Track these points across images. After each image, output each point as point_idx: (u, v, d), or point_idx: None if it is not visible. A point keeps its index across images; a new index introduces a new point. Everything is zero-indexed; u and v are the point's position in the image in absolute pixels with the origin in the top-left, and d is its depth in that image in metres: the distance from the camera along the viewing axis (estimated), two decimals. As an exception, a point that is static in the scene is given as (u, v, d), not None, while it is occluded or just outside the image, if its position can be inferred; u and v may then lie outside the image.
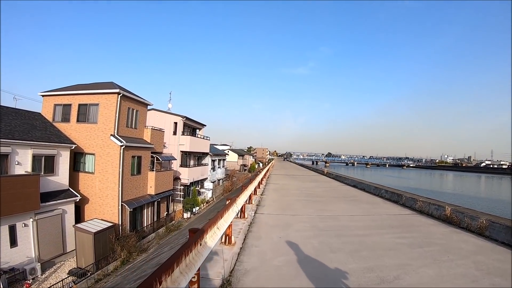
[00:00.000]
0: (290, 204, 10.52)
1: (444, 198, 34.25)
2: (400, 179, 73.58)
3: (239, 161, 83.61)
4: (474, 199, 36.58)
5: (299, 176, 26.39)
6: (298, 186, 17.22)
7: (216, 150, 40.01)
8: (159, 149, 21.91)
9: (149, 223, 21.20)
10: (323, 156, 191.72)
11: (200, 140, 30.75)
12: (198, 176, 29.71)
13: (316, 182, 19.49)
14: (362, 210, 9.45)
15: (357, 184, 16.78)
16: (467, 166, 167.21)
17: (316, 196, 12.82)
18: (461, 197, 37.89)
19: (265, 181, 18.91)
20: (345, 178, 19.97)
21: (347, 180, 19.00)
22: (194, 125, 31.29)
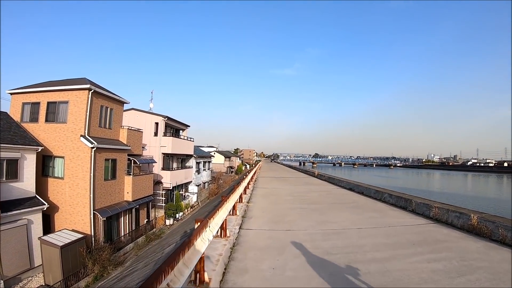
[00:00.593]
0: (283, 214, 8.97)
1: (435, 197, 33.81)
2: (389, 179, 73.75)
3: (226, 163, 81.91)
4: (465, 198, 36.25)
5: (289, 178, 24.63)
6: (290, 190, 15.64)
7: (201, 152, 38.32)
8: (137, 151, 20.13)
9: (127, 232, 19.39)
10: (310, 157, 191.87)
11: (184, 142, 29.02)
12: (182, 179, 27.98)
13: (309, 185, 18.03)
14: (369, 220, 8.01)
15: (354, 187, 15.41)
16: (453, 165, 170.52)
17: (312, 203, 11.33)
18: (453, 196, 37.52)
19: (252, 185, 17.49)
20: (339, 181, 18.62)
21: (342, 183, 17.68)
22: (177, 125, 29.54)
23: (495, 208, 27.96)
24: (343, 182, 17.48)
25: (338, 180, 18.83)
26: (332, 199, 12.58)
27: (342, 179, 18.83)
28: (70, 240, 14.63)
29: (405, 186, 52.33)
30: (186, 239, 3.00)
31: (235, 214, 8.63)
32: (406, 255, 5.01)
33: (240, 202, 10.88)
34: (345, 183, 17.18)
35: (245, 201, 11.52)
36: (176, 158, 28.73)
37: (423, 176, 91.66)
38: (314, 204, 11.05)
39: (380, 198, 12.00)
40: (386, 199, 11.53)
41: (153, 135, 25.89)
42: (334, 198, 12.77)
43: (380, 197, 12.09)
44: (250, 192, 14.45)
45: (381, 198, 11.95)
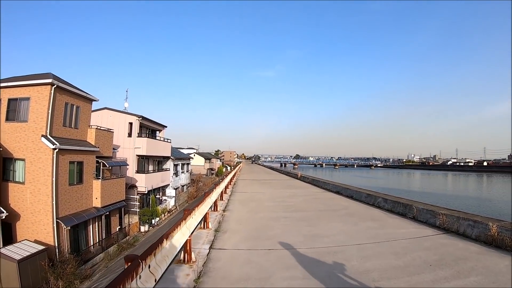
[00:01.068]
0: (265, 226, 7.49)
1: (418, 197, 33.94)
2: (371, 179, 74.73)
3: (206, 165, 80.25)
4: (451, 198, 36.69)
5: (270, 181, 23.13)
6: (272, 194, 14.06)
7: (180, 153, 36.82)
8: (107, 152, 18.59)
9: (97, 242, 17.82)
10: (291, 158, 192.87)
11: (160, 143, 27.54)
12: (158, 182, 26.49)
13: (292, 189, 16.67)
14: (368, 232, 6.74)
15: (342, 190, 14.02)
16: (434, 164, 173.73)
17: (298, 210, 9.97)
18: (439, 196, 37.87)
19: (231, 189, 16.30)
20: (324, 183, 17.31)
21: (328, 185, 16.32)
22: (153, 126, 28.02)
23: (491, 209, 28.32)
24: (329, 185, 16.32)
25: (323, 183, 17.65)
26: (320, 205, 11.23)
27: (327, 181, 17.70)
28: (30, 253, 13.06)
29: (388, 186, 53.01)
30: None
31: (207, 228, 7.22)
32: (427, 283, 3.84)
33: (214, 210, 9.68)
34: (331, 185, 15.95)
35: (220, 209, 10.11)
36: (152, 160, 27.21)
37: (404, 176, 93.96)
38: (300, 211, 9.73)
39: (373, 203, 10.79)
40: (380, 204, 10.33)
41: (127, 136, 24.32)
42: (322, 204, 11.42)
43: (373, 201, 10.90)
44: (227, 198, 13.08)
45: (374, 203, 10.74)
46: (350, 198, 12.70)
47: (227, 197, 13.17)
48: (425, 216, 7.73)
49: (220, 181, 12.85)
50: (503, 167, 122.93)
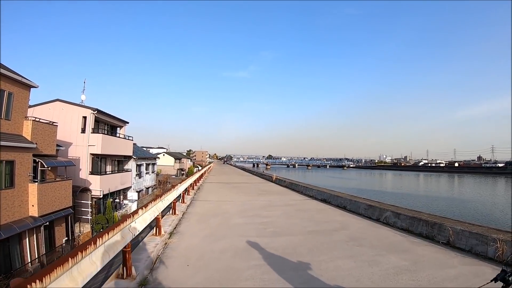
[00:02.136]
0: (228, 269, 4.38)
1: (394, 198, 33.76)
2: (347, 180, 74.95)
3: (176, 165, 76.61)
4: (438, 200, 36.30)
5: (242, 185, 19.70)
6: (243, 204, 10.79)
7: (145, 153, 33.67)
8: (48, 150, 15.51)
9: (35, 258, 14.72)
10: (263, 159, 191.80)
11: (119, 140, 24.49)
12: (117, 185, 23.44)
13: (268, 195, 13.57)
14: (401, 280, 4.03)
15: (330, 198, 11.39)
16: (405, 165, 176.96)
17: (280, 232, 6.74)
18: (420, 198, 37.73)
19: (192, 196, 13.10)
20: (305, 188, 14.45)
21: (310, 191, 13.53)
22: (112, 121, 24.88)
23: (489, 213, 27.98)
24: (311, 190, 13.46)
25: (304, 187, 14.79)
26: (308, 221, 7.99)
27: (309, 186, 14.94)
28: None
29: (366, 187, 52.65)
30: None
31: (128, 276, 3.94)
32: None
33: (157, 234, 6.29)
34: (315, 191, 13.07)
35: (166, 232, 6.57)
36: (111, 160, 24.08)
37: (378, 177, 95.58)
38: (283, 235, 6.50)
39: (379, 218, 8.10)
40: (390, 220, 7.63)
41: (81, 132, 21.13)
42: (310, 220, 8.20)
43: (378, 216, 8.19)
44: (184, 209, 9.88)
45: (380, 217, 8.05)
46: (342, 209, 10.03)
47: (184, 209, 9.94)
48: (469, 241, 5.32)
49: (170, 188, 9.18)
50: (473, 168, 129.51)
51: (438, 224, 6.13)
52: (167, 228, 6.97)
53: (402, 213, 7.40)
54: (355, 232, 6.91)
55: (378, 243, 5.89)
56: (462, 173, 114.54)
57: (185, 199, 11.37)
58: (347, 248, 5.57)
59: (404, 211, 7.78)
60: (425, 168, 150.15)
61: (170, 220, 7.98)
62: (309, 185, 15.78)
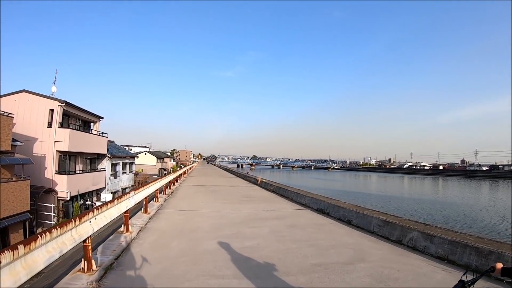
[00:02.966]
0: None
1: (409, 207, 32.92)
2: (331, 182, 74.35)
3: (158, 165, 74.11)
4: (434, 203, 35.68)
5: (223, 188, 17.61)
6: (220, 217, 8.67)
7: (121, 151, 31.55)
8: (2, 145, 13.48)
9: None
10: (248, 159, 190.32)
11: (91, 137, 22.48)
12: (88, 186, 21.43)
13: (253, 203, 11.56)
14: None
15: (328, 208, 9.48)
16: (390, 167, 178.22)
17: (272, 271, 4.43)
18: (414, 201, 37.12)
19: (162, 202, 11.02)
20: (296, 194, 12.51)
21: (302, 198, 11.71)
22: (84, 116, 22.82)
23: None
24: (304, 198, 11.52)
25: (295, 194, 12.67)
26: (308, 247, 5.76)
27: (300, 192, 12.70)
28: None
29: (348, 189, 52.19)
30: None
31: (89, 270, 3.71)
32: None
33: (86, 271, 3.97)
34: (308, 199, 11.17)
35: (102, 267, 4.29)
36: (82, 158, 22.03)
37: (364, 179, 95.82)
38: (274, 275, 4.32)
39: (401, 240, 6.15)
40: (418, 242, 5.73)
41: (47, 127, 19.07)
42: (311, 245, 5.94)
43: (400, 236, 6.21)
44: (145, 222, 7.73)
45: (403, 239, 6.12)
46: (347, 224, 8.01)
47: (144, 222, 7.78)
48: None
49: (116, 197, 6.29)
50: (458, 171, 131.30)
51: (495, 253, 4.32)
52: (104, 259, 4.60)
53: (436, 235, 5.42)
54: (379, 265, 4.79)
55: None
56: (447, 176, 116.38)
57: (148, 208, 9.12)
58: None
59: (438, 231, 5.77)
60: (410, 171, 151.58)
61: (117, 242, 5.47)
62: (301, 191, 13.80)
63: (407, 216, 11.22)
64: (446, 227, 6.99)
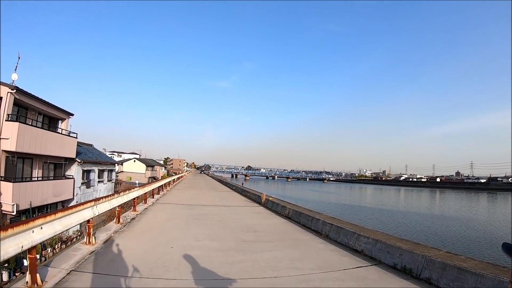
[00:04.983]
0: None
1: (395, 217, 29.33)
2: (330, 194, 70.56)
3: (148, 173, 69.52)
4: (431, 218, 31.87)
5: (213, 211, 12.03)
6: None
7: (99, 155, 27.15)
8: None
9: None
10: (243, 169, 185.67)
11: (54, 137, 18.18)
12: (47, 197, 17.03)
13: (263, 246, 6.54)
14: None
15: (379, 250, 5.89)
16: (386, 179, 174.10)
17: None
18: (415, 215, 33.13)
19: (101, 244, 5.71)
20: (336, 228, 7.54)
21: (349, 236, 6.95)
22: (48, 110, 18.57)
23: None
24: (358, 238, 6.65)
25: (331, 227, 7.74)
26: None
27: (342, 225, 7.60)
28: None
29: (349, 203, 48.35)
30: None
31: None
32: None
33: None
34: (366, 240, 6.40)
35: None
36: (42, 162, 17.72)
37: (359, 191, 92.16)
38: None
39: None
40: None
41: (-4, 121, 14.85)
42: None
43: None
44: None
45: None
46: None
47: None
48: None
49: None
50: (456, 183, 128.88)
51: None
52: None
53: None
54: None
55: None
56: (444, 188, 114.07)
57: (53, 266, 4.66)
58: None
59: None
60: (407, 183, 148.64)
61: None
62: (340, 221, 8.59)
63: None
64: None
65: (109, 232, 6.59)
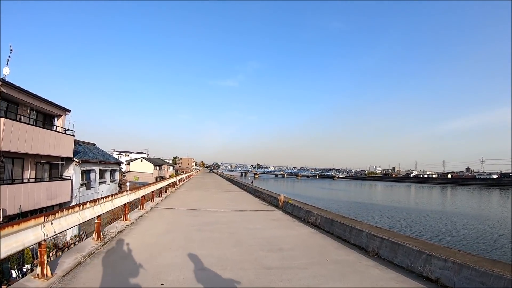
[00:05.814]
0: None
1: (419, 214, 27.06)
2: (342, 192, 68.44)
3: (155, 173, 68.30)
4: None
5: (222, 218, 9.72)
6: None
7: (100, 155, 25.65)
8: None
9: None
10: (252, 167, 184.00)
11: (49, 134, 16.58)
12: (39, 200, 15.49)
13: (297, 269, 4.86)
14: None
15: None
16: (397, 176, 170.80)
17: None
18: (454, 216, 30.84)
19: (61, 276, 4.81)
20: (391, 245, 5.49)
21: (407, 254, 5.05)
22: (41, 106, 17.00)
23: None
24: (418, 257, 4.82)
25: (382, 241, 5.73)
26: None
27: (395, 239, 5.56)
28: None
29: (363, 200, 46.15)
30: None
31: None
32: None
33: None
34: (442, 263, 4.38)
35: None
36: (34, 162, 16.20)
37: (370, 188, 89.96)
38: None
39: None
40: None
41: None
42: None
43: None
44: None
45: None
46: None
47: None
48: None
49: None
50: (467, 180, 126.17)
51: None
52: None
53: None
54: None
55: None
56: (456, 185, 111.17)
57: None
58: None
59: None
60: (418, 180, 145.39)
61: None
62: (390, 232, 6.60)
63: None
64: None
65: (78, 257, 4.78)
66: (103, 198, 6.51)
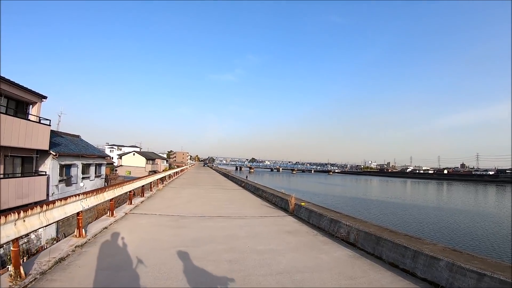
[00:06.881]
0: None
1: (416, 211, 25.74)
2: (335, 186, 67.41)
3: (148, 167, 66.19)
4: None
5: (226, 228, 7.41)
6: None
7: (84, 148, 23.57)
8: None
9: None
10: (247, 162, 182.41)
11: (18, 123, 14.56)
12: (7, 199, 13.54)
13: None
14: None
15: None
16: (393, 171, 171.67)
17: None
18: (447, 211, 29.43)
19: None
20: (452, 269, 3.74)
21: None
22: (14, 92, 14.92)
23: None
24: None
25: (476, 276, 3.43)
26: None
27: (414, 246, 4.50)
28: None
29: (360, 195, 44.84)
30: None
31: None
32: None
33: None
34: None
35: None
36: (2, 154, 14.20)
37: (366, 183, 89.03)
38: None
39: None
40: None
41: None
42: None
43: None
44: None
45: None
46: None
47: None
48: None
49: None
50: (464, 176, 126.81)
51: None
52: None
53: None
54: None
55: None
56: (452, 181, 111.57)
57: None
58: None
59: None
60: (413, 175, 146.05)
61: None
62: (478, 259, 4.20)
63: None
64: None
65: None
66: (56, 201, 4.63)
